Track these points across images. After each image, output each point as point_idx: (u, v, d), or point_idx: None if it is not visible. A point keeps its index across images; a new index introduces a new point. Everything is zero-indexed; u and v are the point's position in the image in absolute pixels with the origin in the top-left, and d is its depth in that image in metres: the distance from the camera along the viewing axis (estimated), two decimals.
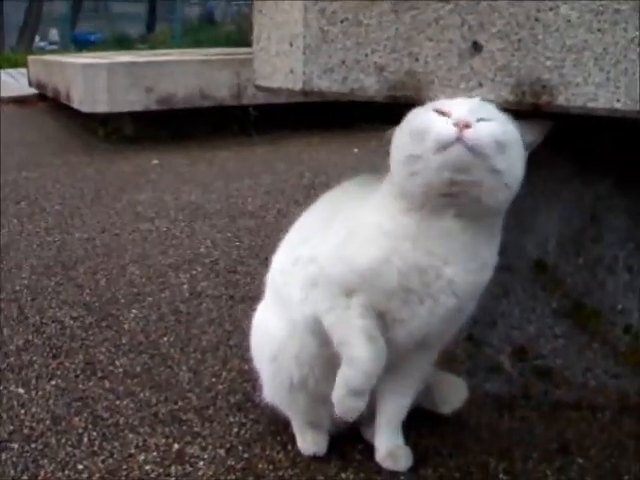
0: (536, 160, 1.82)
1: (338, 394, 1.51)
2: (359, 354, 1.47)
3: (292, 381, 1.62)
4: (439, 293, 1.45)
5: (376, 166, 1.55)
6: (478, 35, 1.45)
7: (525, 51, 1.43)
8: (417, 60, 1.48)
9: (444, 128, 1.34)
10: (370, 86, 1.51)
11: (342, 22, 1.51)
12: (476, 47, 1.45)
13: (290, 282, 1.58)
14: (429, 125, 1.37)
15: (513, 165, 1.40)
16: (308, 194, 3.69)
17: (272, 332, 1.64)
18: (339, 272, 1.47)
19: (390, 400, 1.63)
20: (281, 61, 1.61)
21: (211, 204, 3.70)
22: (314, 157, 4.78)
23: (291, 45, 1.57)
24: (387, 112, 1.50)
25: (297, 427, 1.71)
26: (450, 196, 1.37)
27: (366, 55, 1.50)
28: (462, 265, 1.43)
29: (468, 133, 1.32)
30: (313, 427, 1.68)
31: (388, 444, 1.64)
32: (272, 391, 1.70)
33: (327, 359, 1.54)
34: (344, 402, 1.51)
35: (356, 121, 5.54)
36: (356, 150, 4.97)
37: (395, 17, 1.48)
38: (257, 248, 2.90)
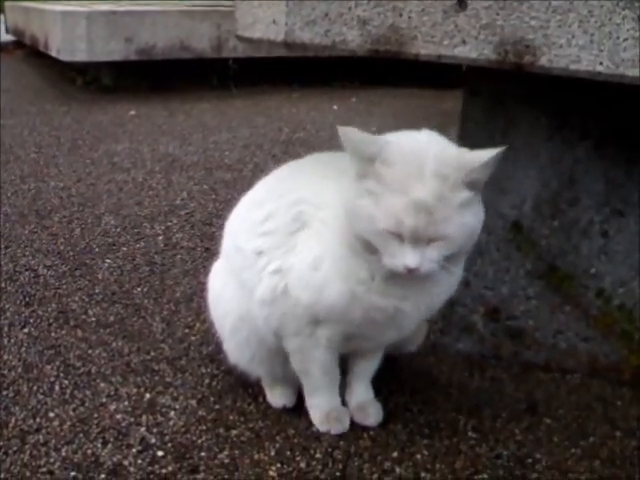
0: (515, 116, 1.83)
1: (315, 417, 1.63)
2: (318, 386, 1.62)
3: (253, 350, 1.65)
4: (403, 321, 1.50)
5: (355, 123, 1.52)
6: None
7: (510, 10, 1.42)
8: (401, 15, 1.47)
9: (395, 265, 1.35)
10: (352, 39, 1.50)
11: None
12: (461, 4, 1.44)
13: (250, 273, 1.55)
14: (383, 247, 1.36)
15: (471, 234, 1.38)
16: (286, 149, 3.67)
17: (229, 305, 1.65)
18: (308, 300, 1.47)
19: (360, 361, 1.66)
20: (263, 12, 1.59)
21: (188, 156, 3.67)
22: (293, 113, 4.75)
23: None
24: (368, 71, 1.48)
25: (266, 382, 1.73)
26: None
27: (349, 8, 1.49)
28: (422, 299, 1.47)
29: (418, 271, 1.34)
30: (281, 381, 1.69)
31: (358, 399, 1.67)
32: (236, 356, 1.70)
33: None
34: (324, 424, 1.62)
35: (337, 78, 5.52)
36: (335, 107, 4.94)
37: None
38: (233, 201, 2.80)
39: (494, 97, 1.83)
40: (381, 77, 5.51)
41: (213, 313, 1.72)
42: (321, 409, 1.63)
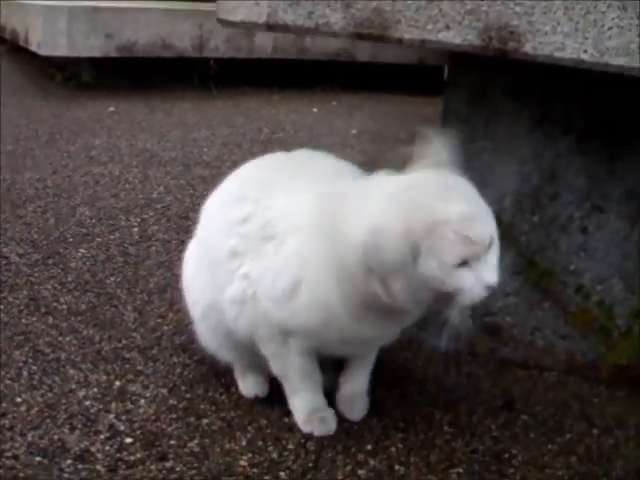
0: (498, 107, 1.82)
1: (298, 419, 1.58)
2: (298, 388, 1.57)
3: (221, 338, 1.63)
4: (377, 341, 1.55)
5: (334, 126, 1.49)
6: None
7: None
8: None
9: (475, 293, 1.33)
10: (336, 22, 1.48)
11: None
12: None
13: (223, 270, 1.53)
14: (458, 285, 1.32)
15: None
16: (265, 148, 3.64)
17: (200, 291, 1.63)
18: (279, 318, 1.46)
19: (355, 361, 1.64)
20: None
21: (166, 152, 3.63)
22: (273, 114, 4.72)
23: None
24: (349, 75, 1.46)
25: (237, 370, 1.70)
26: None
27: None
28: (401, 321, 1.49)
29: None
30: (253, 370, 1.66)
31: (348, 389, 1.64)
32: (207, 340, 1.68)
33: None
34: (306, 425, 1.57)
35: (318, 82, 5.51)
36: (315, 110, 4.92)
37: None
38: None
39: (476, 88, 1.82)
40: (362, 82, 5.51)
41: (186, 295, 1.69)
42: (303, 410, 1.58)
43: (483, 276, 1.31)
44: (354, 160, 1.63)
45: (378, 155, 3.61)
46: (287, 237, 1.44)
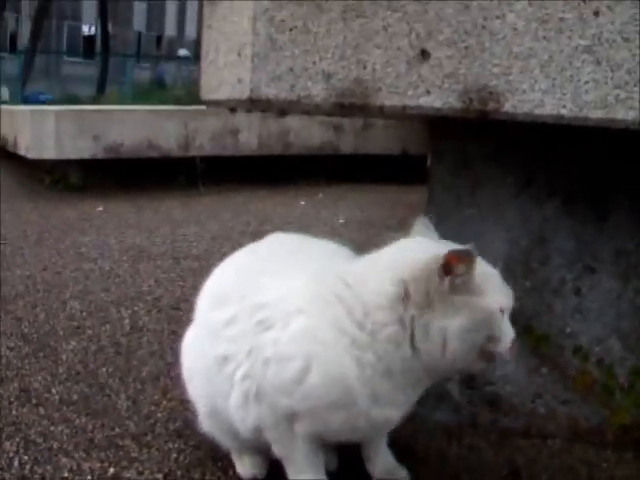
0: (481, 175, 1.83)
1: None
2: (301, 470, 1.50)
3: (226, 430, 1.58)
4: (387, 427, 1.51)
5: (322, 216, 1.51)
6: (426, 43, 1.46)
7: (472, 58, 1.43)
8: (365, 67, 1.48)
9: (507, 345, 1.43)
10: (317, 94, 1.50)
11: (291, 30, 1.50)
12: (424, 55, 1.45)
13: (219, 379, 1.50)
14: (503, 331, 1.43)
15: None
16: (254, 240, 3.63)
17: (202, 394, 1.61)
18: (288, 405, 1.42)
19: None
20: (229, 71, 1.59)
21: (156, 247, 3.64)
22: (260, 208, 4.76)
23: (239, 55, 1.55)
24: (333, 168, 1.49)
25: (235, 452, 1.65)
26: None
27: (314, 62, 1.49)
28: (411, 399, 1.47)
29: None
30: (251, 452, 1.62)
31: (382, 468, 1.60)
32: (206, 422, 1.64)
33: None
34: None
35: (303, 176, 5.58)
36: (302, 202, 4.97)
37: (343, 25, 1.48)
38: (201, 287, 2.83)
39: (459, 157, 1.83)
40: (347, 173, 5.58)
41: (187, 384, 1.66)
42: None
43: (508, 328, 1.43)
44: None
45: (367, 242, 3.61)
46: (290, 321, 1.41)
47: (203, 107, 5.35)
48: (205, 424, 1.65)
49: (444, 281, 1.36)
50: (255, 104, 1.55)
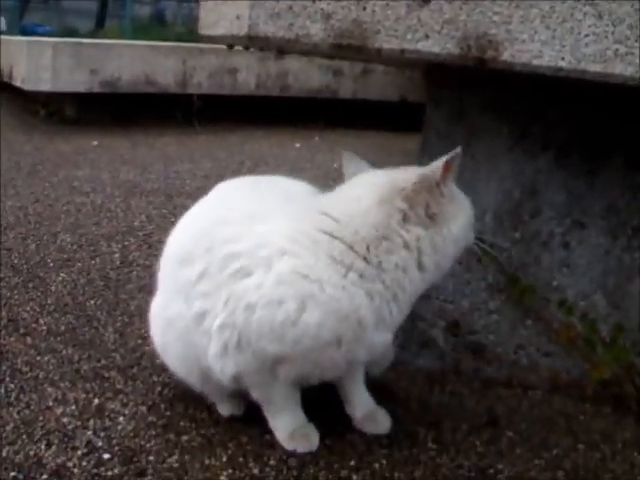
0: (477, 126, 1.83)
1: (280, 438, 1.54)
2: (279, 410, 1.54)
3: (203, 379, 1.58)
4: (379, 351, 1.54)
5: (316, 160, 1.51)
6: None
7: (473, 5, 1.42)
8: (365, 9, 1.46)
9: None
10: (316, 33, 1.48)
11: None
12: None
13: (198, 335, 1.49)
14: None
15: None
16: None
17: (179, 361, 1.60)
18: (278, 350, 1.42)
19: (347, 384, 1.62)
20: (227, 7, 1.57)
21: (149, 183, 3.63)
22: (255, 148, 4.74)
23: None
24: (331, 112, 1.48)
25: (213, 396, 1.65)
26: None
27: (313, 1, 1.48)
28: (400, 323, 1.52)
29: None
30: (229, 396, 1.62)
31: (362, 410, 1.62)
32: (181, 373, 1.63)
33: None
34: (289, 443, 1.53)
35: (300, 118, 5.55)
36: (298, 145, 4.94)
37: None
38: None
39: (456, 106, 1.83)
40: (345, 118, 5.54)
41: (162, 355, 1.66)
42: (285, 429, 1.54)
43: None
44: None
45: None
46: (272, 265, 1.40)
47: (202, 45, 5.35)
48: (178, 372, 1.64)
49: (443, 190, 1.42)
50: (253, 41, 1.53)
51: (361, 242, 1.41)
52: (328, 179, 4.05)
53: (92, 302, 2.18)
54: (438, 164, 1.42)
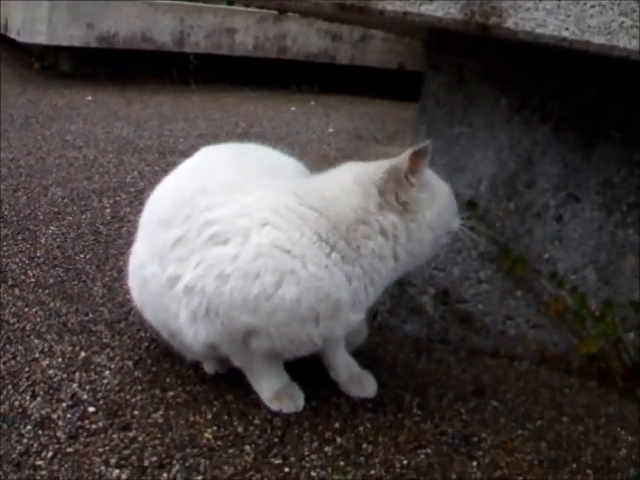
0: (476, 95, 1.81)
1: (265, 399, 1.54)
2: (261, 374, 1.54)
3: (173, 337, 1.58)
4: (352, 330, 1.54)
5: (312, 124, 1.50)
6: None
7: None
8: None
9: None
10: None
11: None
12: None
13: (169, 298, 1.49)
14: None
15: None
16: (242, 141, 3.61)
17: (152, 317, 1.60)
18: (250, 323, 1.41)
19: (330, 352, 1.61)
20: None
21: (142, 140, 3.60)
22: (251, 110, 4.70)
23: None
24: (328, 76, 1.46)
25: (191, 356, 1.64)
26: None
27: None
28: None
29: None
30: (212, 358, 1.62)
31: (347, 374, 1.62)
32: (158, 330, 1.63)
33: None
34: (274, 403, 1.53)
35: (297, 82, 5.51)
36: (293, 108, 4.91)
37: None
38: None
39: (455, 74, 1.81)
40: (342, 84, 5.51)
41: (142, 311, 1.65)
42: (270, 390, 1.55)
43: None
44: (330, 156, 1.64)
45: (354, 153, 3.60)
46: (250, 235, 1.40)
47: (201, 4, 5.29)
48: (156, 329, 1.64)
49: (410, 181, 1.43)
50: None
51: (342, 224, 1.42)
52: (322, 143, 4.05)
53: (81, 256, 2.17)
54: (405, 156, 1.42)
